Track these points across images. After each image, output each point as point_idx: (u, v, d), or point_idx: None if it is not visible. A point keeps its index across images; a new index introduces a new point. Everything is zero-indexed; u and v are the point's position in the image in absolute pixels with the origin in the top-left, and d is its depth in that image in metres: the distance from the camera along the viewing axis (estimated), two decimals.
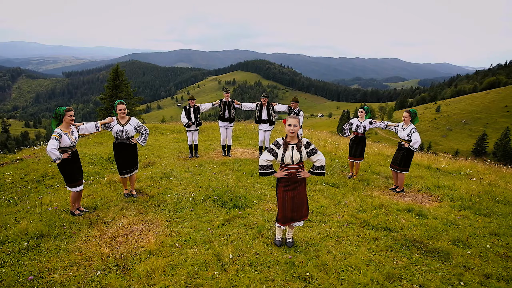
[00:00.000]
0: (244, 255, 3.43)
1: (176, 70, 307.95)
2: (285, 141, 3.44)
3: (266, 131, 8.21)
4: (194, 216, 4.51)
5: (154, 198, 5.22)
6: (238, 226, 4.17)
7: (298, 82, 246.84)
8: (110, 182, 6.11)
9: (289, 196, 3.52)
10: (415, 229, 4.15)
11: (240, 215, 4.51)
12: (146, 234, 3.99)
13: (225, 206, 4.88)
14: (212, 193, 5.32)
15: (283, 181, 3.51)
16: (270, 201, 5.20)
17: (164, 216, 4.52)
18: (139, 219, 4.45)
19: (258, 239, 3.82)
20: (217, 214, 4.62)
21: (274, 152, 3.45)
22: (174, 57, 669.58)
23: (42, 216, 4.50)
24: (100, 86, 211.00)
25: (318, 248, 3.61)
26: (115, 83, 28.88)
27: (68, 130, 4.37)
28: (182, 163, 7.69)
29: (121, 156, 5.10)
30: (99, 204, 4.92)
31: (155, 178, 6.28)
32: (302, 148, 3.43)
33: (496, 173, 8.64)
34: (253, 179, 6.33)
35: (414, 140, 5.68)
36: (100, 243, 3.76)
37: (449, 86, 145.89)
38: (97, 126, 4.79)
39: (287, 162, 3.42)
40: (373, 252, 3.54)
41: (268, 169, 3.52)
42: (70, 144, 4.35)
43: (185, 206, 4.90)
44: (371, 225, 4.24)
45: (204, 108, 8.32)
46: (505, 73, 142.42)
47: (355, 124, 6.82)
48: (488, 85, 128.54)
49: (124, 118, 5.04)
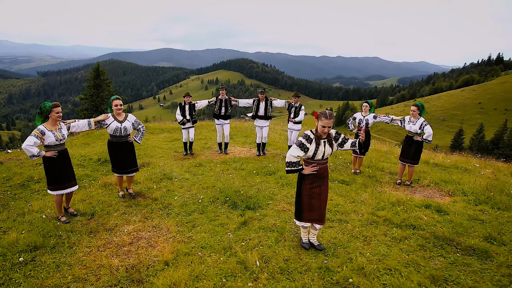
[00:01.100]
0: (271, 261, 3.12)
1: (158, 69, 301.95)
2: (317, 136, 3.16)
3: (263, 127, 7.93)
4: (206, 220, 4.16)
5: (158, 201, 4.82)
6: (257, 229, 3.85)
7: (281, 80, 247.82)
8: (105, 185, 5.63)
9: (316, 193, 3.27)
10: (440, 226, 3.98)
11: (256, 217, 4.20)
12: (156, 242, 3.60)
13: (237, 208, 4.55)
14: (220, 194, 4.98)
15: (311, 177, 3.25)
16: (283, 200, 4.91)
17: (173, 221, 4.14)
18: (145, 225, 4.05)
19: (281, 243, 3.52)
20: (230, 216, 4.28)
21: (304, 147, 3.16)
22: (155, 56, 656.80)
23: (33, 225, 4.01)
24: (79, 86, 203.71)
25: (348, 250, 3.35)
26: (96, 83, 27.77)
27: (54, 127, 3.93)
28: (180, 163, 7.28)
29: (117, 155, 4.71)
30: (97, 210, 4.47)
31: (154, 179, 5.85)
32: (333, 142, 3.18)
33: (492, 167, 8.72)
34: (259, 178, 6.02)
35: (428, 133, 5.58)
36: (106, 254, 3.35)
37: (427, 84, 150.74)
38: (90, 123, 4.35)
39: (317, 158, 3.16)
40: (407, 252, 3.32)
41: (296, 166, 3.23)
42: (55, 141, 3.92)
43: (193, 209, 4.53)
44: (395, 223, 4.04)
45: (200, 105, 7.97)
46: (478, 71, 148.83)
47: (358, 118, 6.65)
48: (463, 83, 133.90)
49: (121, 115, 4.63)
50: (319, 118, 3.12)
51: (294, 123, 7.58)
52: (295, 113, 7.50)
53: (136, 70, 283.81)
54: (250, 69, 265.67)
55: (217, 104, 7.78)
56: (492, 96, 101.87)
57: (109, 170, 7.35)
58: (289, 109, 7.61)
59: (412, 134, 5.84)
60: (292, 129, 7.72)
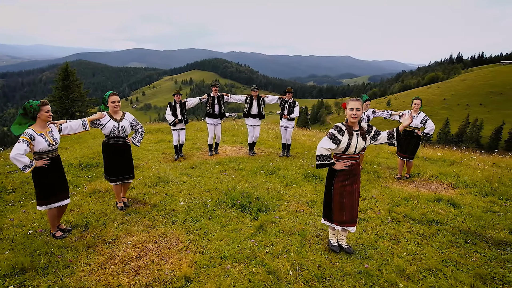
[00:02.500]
0: (303, 269, 2.84)
1: (129, 70, 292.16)
2: (349, 127, 2.92)
3: (255, 126, 7.62)
4: (217, 226, 3.79)
5: (158, 207, 4.38)
6: (276, 233, 3.55)
7: (255, 80, 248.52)
8: (94, 192, 5.08)
9: (347, 191, 3.03)
10: (461, 220, 3.89)
11: (271, 219, 3.89)
12: (167, 254, 3.20)
13: (246, 211, 4.22)
14: (226, 197, 4.62)
15: (343, 174, 3.00)
16: (292, 201, 4.65)
17: (180, 229, 3.74)
18: (149, 235, 3.61)
19: (307, 247, 3.24)
20: (242, 221, 3.95)
21: (336, 140, 2.91)
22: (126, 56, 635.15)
23: (16, 242, 3.46)
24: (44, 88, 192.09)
25: (380, 251, 3.14)
26: (65, 84, 26.14)
27: (44, 130, 3.37)
28: (172, 165, 6.81)
29: (113, 159, 4.18)
30: (91, 220, 3.96)
31: (149, 183, 5.37)
32: (366, 135, 2.95)
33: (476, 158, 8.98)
34: (261, 177, 5.72)
35: (431, 127, 5.56)
36: (111, 272, 2.90)
37: (397, 82, 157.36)
38: (85, 124, 3.81)
39: (350, 152, 2.92)
40: (440, 249, 3.17)
41: (327, 159, 2.97)
42: (47, 147, 3.36)
43: (199, 214, 4.14)
44: (415, 219, 3.90)
45: (191, 103, 7.46)
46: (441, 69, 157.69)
47: None
48: (429, 80, 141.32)
49: (118, 113, 4.12)
50: (346, 105, 2.91)
51: (288, 120, 7.34)
52: (289, 110, 7.27)
53: (106, 71, 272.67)
54: (225, 68, 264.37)
55: (209, 102, 7.33)
56: (455, 92, 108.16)
57: (93, 175, 6.75)
58: (282, 105, 7.35)
59: (412, 129, 5.80)
60: (286, 127, 7.46)
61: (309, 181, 5.57)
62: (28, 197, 5.60)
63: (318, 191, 5.01)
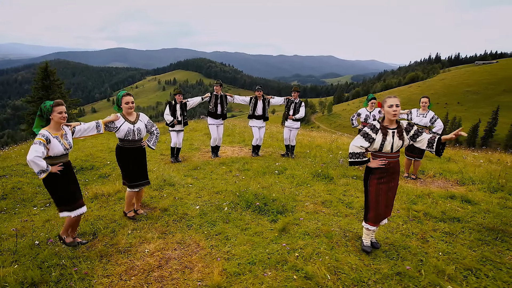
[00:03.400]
0: (340, 272, 2.71)
1: (111, 70, 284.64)
2: (383, 126, 2.84)
3: (261, 128, 7.44)
4: (236, 230, 3.62)
5: (169, 211, 4.15)
6: (301, 235, 3.42)
7: (240, 80, 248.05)
8: (96, 197, 4.78)
9: (383, 190, 2.96)
10: (480, 216, 3.90)
11: (292, 221, 3.75)
12: (191, 262, 3.00)
13: (264, 213, 4.07)
14: (239, 199, 4.45)
15: (379, 172, 2.93)
16: (307, 201, 4.53)
17: (198, 234, 3.54)
18: (166, 242, 3.40)
19: (337, 249, 3.13)
20: (261, 223, 3.79)
21: (369, 138, 2.84)
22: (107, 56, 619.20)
23: (19, 254, 3.17)
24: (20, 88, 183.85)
25: (411, 251, 3.07)
26: (45, 84, 25.04)
27: (59, 133, 3.10)
28: (174, 167, 6.56)
29: (130, 164, 3.84)
30: (99, 227, 3.69)
31: (155, 186, 5.11)
32: (403, 134, 2.87)
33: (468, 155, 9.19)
34: (270, 178, 5.57)
35: (440, 126, 5.56)
36: (134, 283, 2.68)
37: (379, 81, 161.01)
38: (99, 126, 3.51)
39: (386, 150, 2.84)
40: (471, 248, 3.13)
41: (360, 157, 2.90)
42: (62, 151, 3.08)
43: (215, 218, 3.95)
44: (436, 217, 3.87)
45: (193, 103, 7.17)
46: (421, 69, 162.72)
47: (363, 114, 6.50)
48: (409, 79, 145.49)
49: (132, 114, 3.82)
50: (384, 103, 2.84)
51: (293, 120, 7.20)
52: (294, 110, 7.13)
53: (86, 70, 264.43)
54: (209, 68, 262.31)
55: (212, 101, 7.09)
56: (434, 91, 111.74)
57: (89, 179, 6.41)
58: (288, 105, 7.21)
59: (421, 127, 5.79)
60: (291, 127, 7.30)
61: (319, 181, 5.47)
62: (22, 203, 5.24)
63: (331, 191, 4.92)
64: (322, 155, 7.48)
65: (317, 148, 8.62)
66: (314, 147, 8.68)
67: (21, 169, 6.87)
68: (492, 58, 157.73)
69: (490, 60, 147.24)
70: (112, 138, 10.60)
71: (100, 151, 8.68)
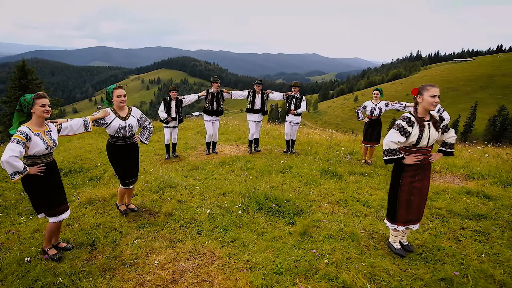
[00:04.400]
0: (378, 279, 2.45)
1: (93, 69, 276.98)
2: (419, 117, 2.59)
3: (258, 123, 7.19)
4: (252, 235, 3.31)
5: (174, 216, 3.79)
6: (325, 239, 3.14)
7: (225, 78, 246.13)
8: (90, 202, 4.35)
9: (417, 188, 2.73)
10: (504, 212, 3.74)
11: (312, 223, 3.47)
12: (209, 274, 2.66)
13: (278, 215, 3.77)
14: (248, 200, 4.14)
15: (412, 169, 2.69)
16: (321, 200, 4.27)
17: (211, 241, 3.20)
18: (177, 251, 3.04)
19: (368, 253, 2.87)
20: (278, 227, 3.49)
21: (405, 132, 2.58)
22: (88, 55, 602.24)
23: (5, 272, 2.75)
24: None
25: (447, 252, 2.84)
26: (22, 83, 23.77)
27: (41, 129, 2.70)
28: (171, 167, 6.16)
29: (123, 162, 3.59)
30: (98, 237, 3.29)
31: (154, 189, 4.72)
32: (438, 125, 2.64)
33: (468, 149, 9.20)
34: (276, 177, 5.28)
35: (447, 118, 5.41)
36: None
37: (362, 78, 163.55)
38: (87, 123, 3.15)
39: (422, 145, 2.60)
40: (510, 248, 2.93)
41: (396, 154, 2.65)
42: (44, 150, 2.68)
43: (226, 222, 3.62)
44: (461, 214, 3.68)
45: (188, 100, 6.88)
46: (403, 66, 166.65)
47: (369, 106, 6.30)
48: (392, 76, 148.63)
49: (123, 109, 3.50)
50: (423, 90, 2.57)
51: (295, 115, 6.97)
52: (296, 105, 6.90)
53: (66, 70, 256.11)
54: (193, 67, 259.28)
55: (209, 98, 6.77)
56: None
57: (78, 182, 5.95)
58: (289, 100, 6.97)
59: None
60: (293, 122, 7.08)
61: (328, 179, 5.22)
62: (4, 211, 4.76)
63: (343, 189, 4.68)
64: (324, 152, 7.25)
65: (317, 145, 8.40)
66: (314, 144, 8.46)
67: (1, 174, 6.30)
68: (469, 56, 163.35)
69: (468, 58, 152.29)
70: (101, 138, 10.03)
71: (88, 152, 8.15)
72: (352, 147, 7.82)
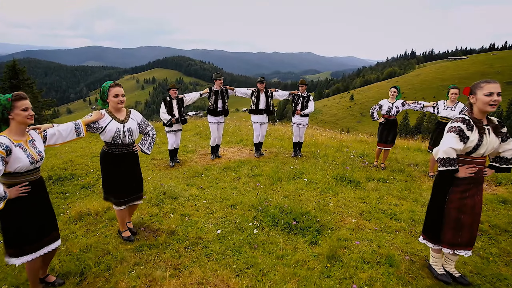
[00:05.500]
0: None
1: (87, 69, 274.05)
2: (477, 120, 2.14)
3: (262, 124, 6.69)
4: (271, 258, 2.82)
5: (178, 235, 3.29)
6: (357, 264, 2.67)
7: None
8: (81, 217, 3.82)
9: (469, 205, 2.28)
10: None
11: (338, 243, 3.00)
12: None
13: (297, 232, 3.29)
14: (261, 214, 3.65)
15: (464, 183, 2.23)
16: (341, 213, 3.80)
17: (223, 268, 2.71)
18: (184, 282, 2.54)
19: (413, 283, 2.40)
20: (299, 247, 3.01)
21: (464, 137, 2.13)
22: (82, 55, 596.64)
23: None
24: None
25: (510, 283, 2.39)
26: (13, 84, 22.98)
27: (23, 139, 2.16)
28: (171, 175, 5.64)
29: (118, 174, 3.00)
30: (89, 264, 2.78)
31: (153, 200, 4.22)
32: (498, 130, 2.19)
33: None
34: (288, 185, 4.80)
35: None
36: None
37: (358, 77, 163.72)
38: (79, 128, 2.59)
39: (478, 153, 2.16)
40: None
41: (454, 164, 2.19)
42: (29, 165, 2.13)
43: (238, 242, 3.13)
44: (508, 231, 3.24)
45: (190, 99, 6.30)
46: (398, 64, 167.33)
47: (385, 106, 5.84)
48: (387, 75, 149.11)
49: (122, 111, 2.94)
50: (476, 89, 2.13)
51: (302, 116, 6.49)
52: (303, 105, 6.42)
53: (60, 70, 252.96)
54: (188, 66, 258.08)
55: (212, 97, 6.24)
56: (412, 86, 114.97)
57: (69, 191, 5.40)
58: (295, 100, 6.50)
59: (449, 121, 5.20)
60: (300, 124, 6.59)
61: (344, 186, 4.76)
62: None
63: (364, 199, 4.22)
64: (334, 155, 6.79)
65: (323, 146, 7.94)
66: (320, 145, 8.00)
67: None
68: (462, 54, 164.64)
69: (461, 56, 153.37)
70: (94, 141, 9.46)
71: (80, 156, 7.58)
72: (362, 149, 7.38)
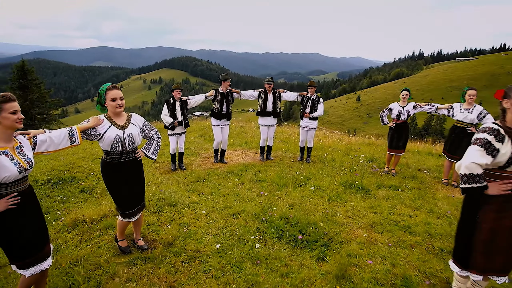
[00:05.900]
0: None
1: (95, 69, 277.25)
2: (510, 129, 1.88)
3: (270, 127, 6.43)
4: (274, 276, 2.59)
5: (175, 247, 3.07)
6: (369, 285, 2.42)
7: None
8: (75, 225, 3.64)
9: (505, 227, 1.99)
10: None
11: (347, 260, 2.75)
12: None
13: (303, 246, 3.05)
14: (264, 225, 3.42)
15: (499, 201, 1.95)
16: (349, 223, 3.55)
17: (222, 286, 2.49)
18: None
19: None
20: (305, 263, 2.77)
21: (493, 150, 1.87)
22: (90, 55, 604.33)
23: None
24: None
25: None
26: (22, 84, 23.14)
27: (9, 145, 1.95)
28: (172, 179, 5.44)
29: (122, 185, 2.74)
30: (78, 280, 2.58)
31: (151, 208, 4.01)
32: None
33: None
34: (294, 192, 4.55)
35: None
36: None
37: (365, 77, 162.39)
38: (74, 135, 2.36)
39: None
40: None
41: (480, 181, 1.92)
42: (17, 174, 1.92)
43: (239, 256, 2.90)
44: None
45: (194, 102, 6.04)
46: (405, 65, 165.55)
47: (396, 109, 5.56)
48: (394, 76, 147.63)
49: (121, 116, 2.70)
50: (511, 92, 1.87)
51: (310, 119, 6.23)
52: (312, 107, 6.16)
53: (69, 70, 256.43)
54: (195, 67, 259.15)
55: (218, 99, 6.01)
56: (419, 87, 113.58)
57: (68, 195, 5.25)
58: (304, 102, 6.24)
59: (465, 125, 4.90)
60: (308, 127, 6.32)
61: (353, 194, 4.50)
62: None
63: (375, 208, 3.96)
64: (341, 159, 6.53)
65: (331, 150, 7.68)
66: (327, 149, 7.73)
67: None
68: (471, 55, 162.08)
69: (470, 57, 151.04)
70: (96, 142, 9.35)
71: (82, 158, 7.45)
72: (371, 153, 7.10)
